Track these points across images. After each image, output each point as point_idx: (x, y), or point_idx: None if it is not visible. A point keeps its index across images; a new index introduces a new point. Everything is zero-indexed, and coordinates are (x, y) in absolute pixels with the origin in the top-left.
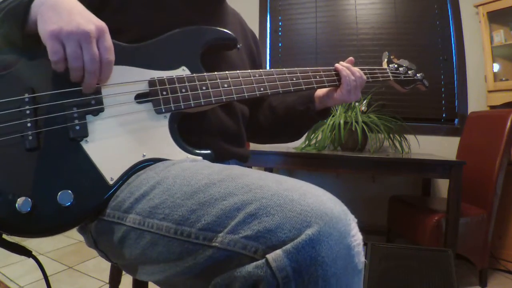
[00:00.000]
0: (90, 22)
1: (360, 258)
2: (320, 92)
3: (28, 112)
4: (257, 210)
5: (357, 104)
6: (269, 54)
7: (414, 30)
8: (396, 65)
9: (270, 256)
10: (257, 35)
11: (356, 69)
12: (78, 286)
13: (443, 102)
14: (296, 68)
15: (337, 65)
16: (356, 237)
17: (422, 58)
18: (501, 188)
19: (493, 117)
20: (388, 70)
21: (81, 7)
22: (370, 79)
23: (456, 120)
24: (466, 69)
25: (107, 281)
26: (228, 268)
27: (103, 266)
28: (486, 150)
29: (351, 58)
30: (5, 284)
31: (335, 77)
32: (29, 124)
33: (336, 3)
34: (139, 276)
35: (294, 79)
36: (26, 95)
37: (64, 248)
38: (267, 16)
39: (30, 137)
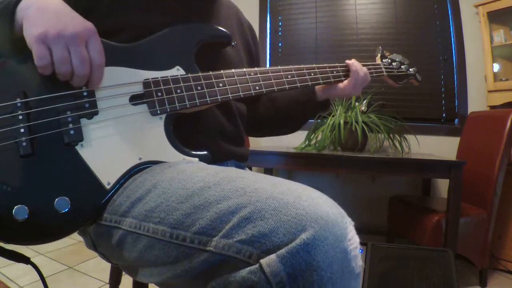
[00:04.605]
0: (78, 24)
1: (357, 262)
2: None
3: (20, 117)
4: (252, 214)
5: (357, 104)
6: (269, 54)
7: (414, 30)
8: (389, 60)
9: (264, 261)
10: (257, 35)
11: (364, 69)
12: (78, 286)
13: (443, 102)
14: (291, 66)
15: (348, 61)
16: (353, 241)
17: (422, 58)
18: (501, 188)
19: (493, 117)
20: (382, 65)
21: (69, 10)
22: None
23: (456, 120)
24: (466, 69)
25: (107, 281)
26: (223, 273)
27: (103, 266)
28: (486, 150)
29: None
30: (5, 284)
31: (329, 74)
32: (22, 130)
33: (336, 3)
34: (139, 278)
35: (289, 77)
36: (18, 100)
37: (64, 248)
38: (267, 16)
39: (24, 143)
